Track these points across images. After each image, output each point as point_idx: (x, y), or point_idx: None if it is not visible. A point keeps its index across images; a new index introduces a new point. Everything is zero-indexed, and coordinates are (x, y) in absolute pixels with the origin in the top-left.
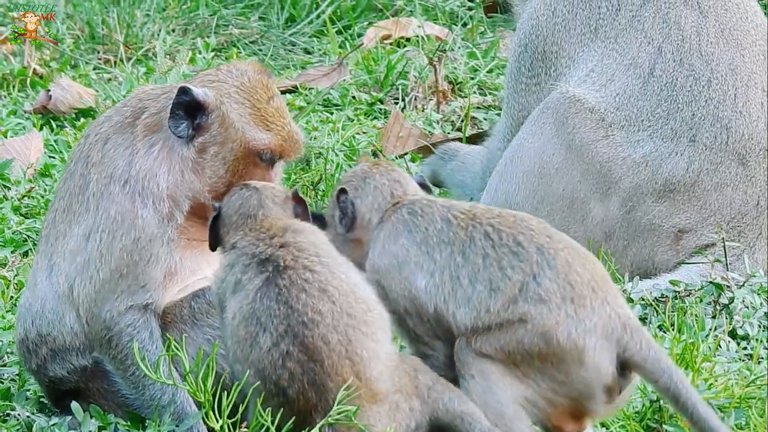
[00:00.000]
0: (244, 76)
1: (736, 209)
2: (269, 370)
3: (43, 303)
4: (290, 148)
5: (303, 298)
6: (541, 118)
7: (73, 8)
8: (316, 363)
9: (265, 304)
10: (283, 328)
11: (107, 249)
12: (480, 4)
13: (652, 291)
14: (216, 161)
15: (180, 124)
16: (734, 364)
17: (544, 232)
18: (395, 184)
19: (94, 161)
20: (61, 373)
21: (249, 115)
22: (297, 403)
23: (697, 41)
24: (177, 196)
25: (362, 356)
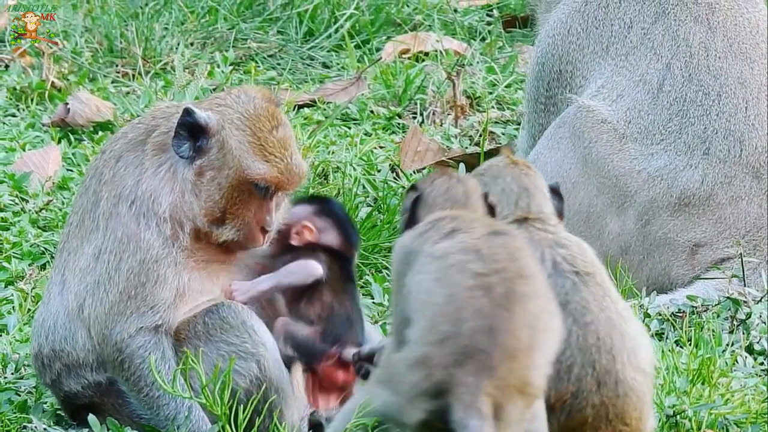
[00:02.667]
0: (250, 103)
1: (751, 223)
2: (463, 293)
3: (55, 319)
4: (288, 181)
5: (526, 259)
6: (558, 132)
7: (92, 21)
8: (505, 312)
9: (493, 246)
10: (501, 266)
11: (115, 270)
12: (499, 18)
13: (669, 306)
14: (212, 186)
15: (183, 144)
16: (751, 379)
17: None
18: (523, 193)
19: (105, 179)
20: (75, 388)
21: (248, 143)
22: (466, 346)
23: (705, 56)
24: (179, 218)
25: (545, 345)
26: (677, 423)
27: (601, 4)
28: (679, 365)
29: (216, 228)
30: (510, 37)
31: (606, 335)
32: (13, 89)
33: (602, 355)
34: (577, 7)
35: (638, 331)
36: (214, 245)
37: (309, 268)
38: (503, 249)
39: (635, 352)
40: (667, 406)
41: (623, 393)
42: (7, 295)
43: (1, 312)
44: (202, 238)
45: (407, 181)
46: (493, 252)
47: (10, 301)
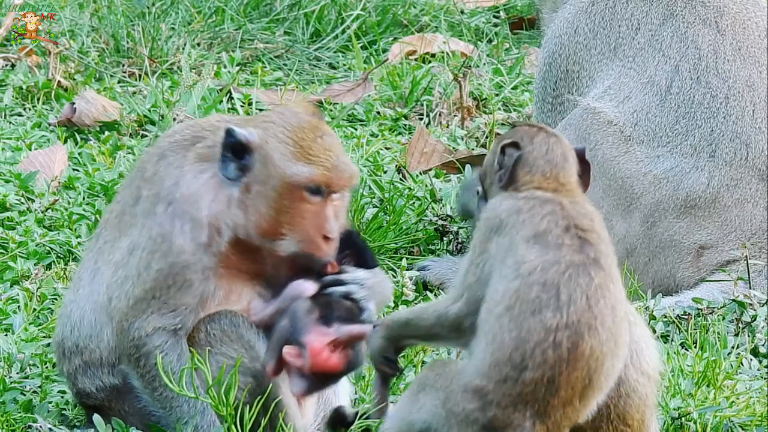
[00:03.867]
0: (293, 118)
1: (757, 225)
2: (534, 341)
3: (82, 312)
4: (337, 178)
5: (601, 304)
6: (563, 134)
7: (99, 21)
8: (567, 368)
9: (572, 287)
10: (575, 318)
11: (145, 268)
12: (506, 20)
13: (674, 308)
14: (259, 199)
15: (228, 165)
16: (756, 382)
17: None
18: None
19: (147, 176)
20: (89, 388)
21: (290, 153)
22: (524, 387)
23: (714, 59)
24: (219, 225)
25: (600, 387)
26: (682, 425)
27: (608, 4)
28: (684, 368)
29: (274, 242)
30: (517, 38)
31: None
32: (19, 89)
33: None
34: (584, 7)
35: (644, 335)
36: (250, 256)
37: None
38: (582, 292)
39: (639, 354)
40: (672, 409)
41: (625, 393)
42: (12, 294)
43: (6, 311)
44: (241, 248)
45: (413, 183)
46: (571, 296)
47: (15, 301)
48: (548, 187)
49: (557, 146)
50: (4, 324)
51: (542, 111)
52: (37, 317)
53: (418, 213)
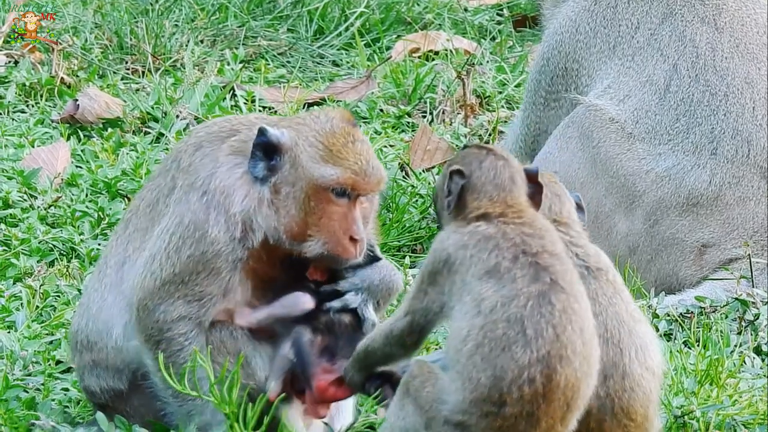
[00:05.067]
0: (327, 123)
1: (759, 223)
2: (509, 379)
3: (102, 304)
4: (364, 182)
5: (568, 330)
6: (566, 132)
7: (102, 18)
8: (544, 401)
9: (536, 320)
10: (544, 351)
11: (175, 252)
12: (509, 18)
13: (677, 307)
14: (288, 201)
15: (258, 164)
16: (759, 380)
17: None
18: (555, 199)
19: (183, 166)
20: (94, 387)
21: (318, 155)
22: (504, 420)
23: (712, 57)
24: (251, 223)
25: (579, 407)
26: (685, 423)
27: (610, 4)
28: (687, 366)
29: (301, 244)
30: (520, 36)
31: (614, 329)
32: (22, 85)
33: (609, 347)
34: (586, 6)
35: (648, 333)
36: (269, 261)
37: (299, 303)
38: (547, 323)
39: (644, 350)
40: (675, 407)
41: (629, 387)
42: (15, 291)
43: (9, 309)
44: (266, 251)
45: (416, 180)
46: (537, 329)
47: (18, 298)
48: (495, 211)
49: (505, 169)
50: (7, 321)
51: (533, 103)
52: (40, 314)
53: (421, 211)
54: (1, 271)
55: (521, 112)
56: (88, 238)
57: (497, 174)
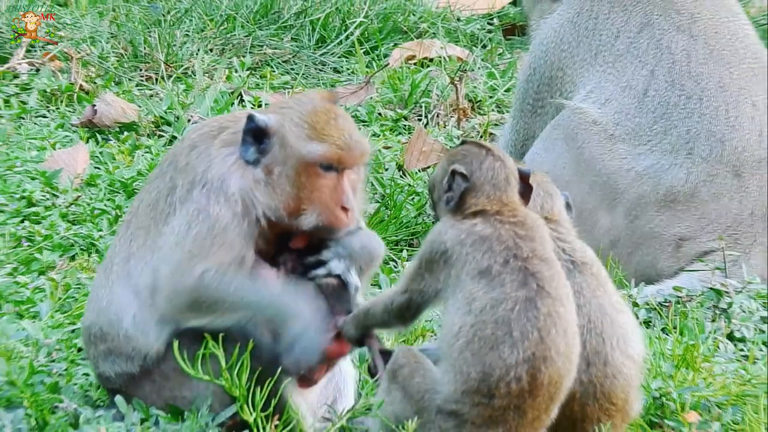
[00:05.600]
0: (309, 103)
1: (732, 218)
2: (496, 375)
3: (111, 298)
4: (348, 154)
5: (552, 333)
6: (552, 134)
7: (117, 28)
8: (530, 396)
9: (522, 323)
10: (530, 353)
11: (184, 236)
12: (499, 27)
13: (656, 296)
14: (281, 179)
15: (249, 149)
16: (731, 364)
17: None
18: (547, 197)
19: (180, 167)
20: (108, 373)
21: (304, 134)
22: (494, 411)
23: (687, 63)
24: (250, 201)
25: (561, 398)
26: (663, 405)
27: (591, 15)
28: (665, 351)
29: (297, 218)
30: (509, 44)
31: (597, 319)
32: (43, 92)
33: (592, 336)
34: (570, 17)
35: (630, 323)
36: (275, 236)
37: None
38: (533, 326)
39: (625, 339)
40: (653, 389)
41: (611, 374)
42: (39, 284)
43: (33, 300)
44: (272, 226)
45: (412, 180)
46: (523, 332)
47: (42, 290)
48: (492, 209)
49: (501, 170)
50: (32, 311)
51: (521, 109)
52: (62, 305)
53: (417, 208)
54: (26, 265)
55: (511, 119)
56: (106, 234)
57: (495, 174)
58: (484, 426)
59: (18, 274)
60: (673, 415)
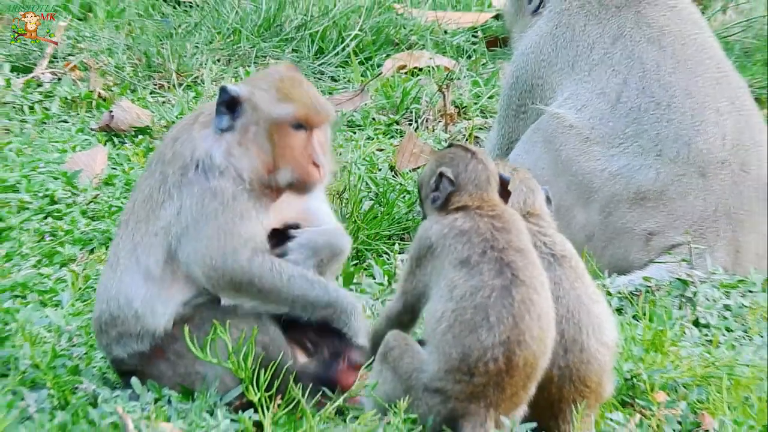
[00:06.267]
0: (276, 73)
1: (698, 214)
2: (475, 356)
3: (120, 286)
4: (315, 114)
5: (526, 319)
6: (532, 137)
7: (133, 41)
8: (507, 375)
9: (498, 309)
10: (505, 336)
11: (201, 215)
12: (483, 39)
13: (627, 286)
14: (256, 141)
15: (222, 118)
16: (696, 348)
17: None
18: (530, 193)
19: (168, 159)
20: (122, 355)
21: (274, 97)
22: (474, 388)
23: (657, 72)
24: (236, 167)
25: (538, 377)
26: (634, 385)
27: (568, 28)
28: (635, 336)
29: (275, 176)
30: (492, 55)
31: (575, 309)
32: (65, 99)
33: (570, 325)
34: (549, 30)
35: (605, 312)
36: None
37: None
38: (508, 313)
39: (600, 328)
40: (625, 371)
41: (586, 360)
42: (61, 275)
43: (56, 290)
44: (262, 186)
45: (404, 180)
46: (499, 317)
47: (63, 281)
48: (473, 204)
49: (483, 172)
50: (54, 300)
51: (506, 115)
52: (82, 295)
53: (408, 205)
54: (49, 258)
55: (496, 123)
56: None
57: (477, 176)
58: (467, 401)
59: (41, 266)
60: (643, 394)
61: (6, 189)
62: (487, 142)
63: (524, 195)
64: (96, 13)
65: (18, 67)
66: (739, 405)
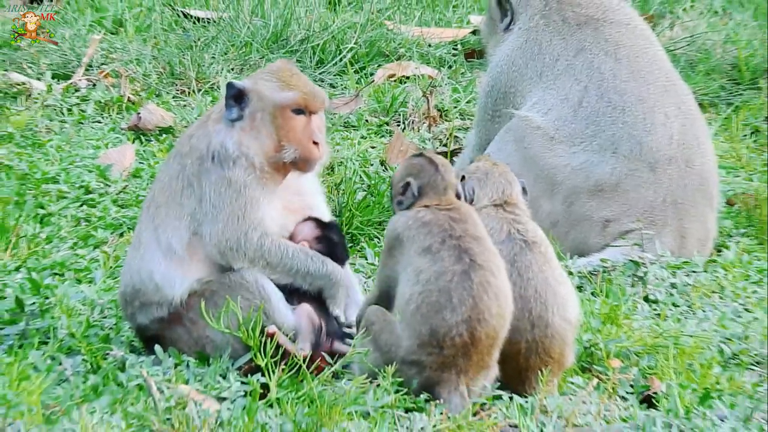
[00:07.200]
0: (273, 66)
1: (648, 204)
2: (442, 333)
3: (142, 262)
4: (312, 100)
5: (484, 299)
6: (505, 137)
7: (158, 52)
8: (472, 347)
9: (460, 292)
10: (467, 315)
11: (219, 201)
12: (462, 51)
13: (587, 266)
14: (263, 125)
15: (232, 110)
16: (647, 321)
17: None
18: (507, 185)
19: (184, 152)
20: (145, 322)
21: (275, 86)
22: (445, 359)
23: (613, 81)
24: (247, 154)
25: (500, 345)
26: (592, 353)
27: (536, 42)
28: (594, 311)
29: (281, 154)
30: (470, 65)
31: (542, 290)
32: (99, 102)
33: (537, 304)
34: (519, 44)
35: (570, 293)
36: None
37: None
38: (468, 294)
39: (564, 306)
40: (584, 341)
41: (550, 335)
42: (94, 256)
43: (90, 268)
44: (272, 166)
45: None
46: (460, 299)
47: (96, 261)
48: (432, 203)
49: (442, 183)
50: (88, 278)
51: (482, 119)
52: (113, 273)
53: None
54: (84, 241)
55: (475, 127)
56: None
57: (437, 186)
58: (439, 370)
59: (77, 248)
60: (600, 361)
61: (47, 180)
62: (467, 142)
63: (503, 186)
64: (126, 28)
65: (58, 74)
66: (683, 370)
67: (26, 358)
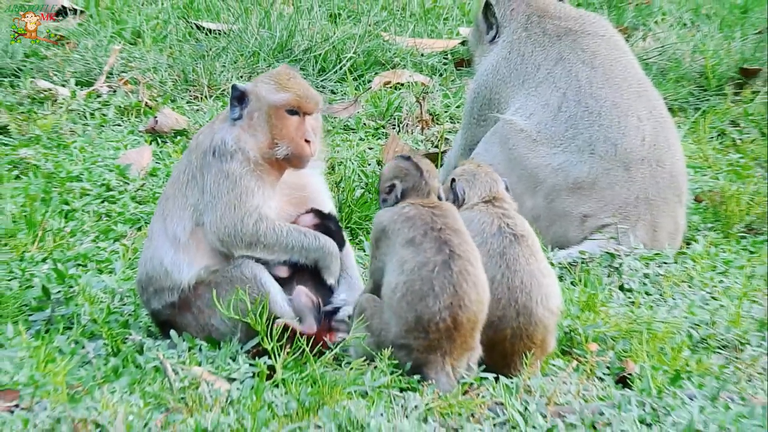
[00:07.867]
0: (274, 71)
1: (623, 200)
2: (426, 318)
3: (154, 252)
4: (306, 102)
5: (464, 287)
6: (490, 139)
7: (173, 60)
8: (455, 331)
9: (441, 280)
10: (449, 301)
11: (218, 191)
12: (452, 60)
13: (567, 258)
14: (259, 123)
15: (235, 110)
16: (622, 308)
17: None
18: (493, 183)
19: (192, 148)
20: (158, 307)
21: (272, 88)
22: (430, 342)
23: (590, 87)
24: (243, 149)
25: (480, 328)
26: (572, 338)
27: (519, 53)
28: (573, 299)
29: (274, 151)
30: (459, 73)
31: (528, 281)
32: (119, 107)
33: (523, 294)
34: (504, 55)
35: (553, 284)
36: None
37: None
38: (449, 282)
39: (548, 297)
40: (565, 326)
41: (534, 323)
42: (114, 248)
43: (111, 259)
44: (267, 161)
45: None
46: (441, 287)
47: (116, 253)
48: (416, 202)
49: (427, 184)
50: (109, 268)
51: (469, 123)
52: (131, 264)
53: None
54: (105, 234)
55: (461, 130)
56: None
57: (422, 188)
58: (426, 353)
59: (99, 241)
60: (579, 345)
61: (71, 179)
62: (454, 144)
63: (489, 184)
64: (144, 39)
65: (81, 81)
66: (655, 354)
67: (52, 342)
